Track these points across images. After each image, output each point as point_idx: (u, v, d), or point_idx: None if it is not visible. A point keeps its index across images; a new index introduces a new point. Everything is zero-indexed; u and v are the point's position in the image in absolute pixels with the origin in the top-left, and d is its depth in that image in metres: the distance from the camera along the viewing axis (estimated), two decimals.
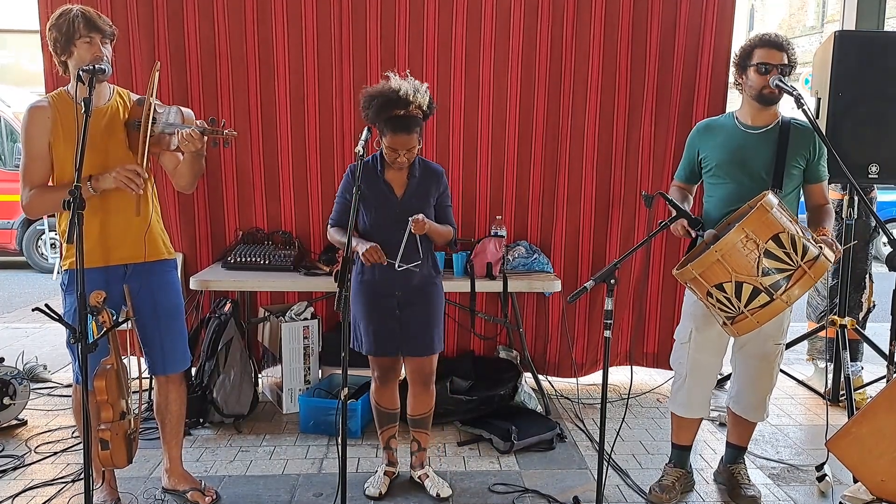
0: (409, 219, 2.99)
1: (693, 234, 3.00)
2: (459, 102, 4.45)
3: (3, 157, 9.74)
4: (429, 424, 3.43)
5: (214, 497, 3.24)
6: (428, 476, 3.39)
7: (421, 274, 3.16)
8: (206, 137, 2.81)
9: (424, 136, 4.40)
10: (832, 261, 2.68)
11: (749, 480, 3.36)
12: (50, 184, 2.88)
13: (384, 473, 3.39)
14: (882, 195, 5.69)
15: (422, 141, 3.15)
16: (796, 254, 2.60)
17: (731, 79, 3.29)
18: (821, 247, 2.66)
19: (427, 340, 3.23)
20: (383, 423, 3.40)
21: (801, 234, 2.64)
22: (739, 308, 2.65)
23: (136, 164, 2.77)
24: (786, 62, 3.00)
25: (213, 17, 4.31)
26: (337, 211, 3.24)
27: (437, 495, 3.31)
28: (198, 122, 2.88)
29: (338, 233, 3.18)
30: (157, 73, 2.82)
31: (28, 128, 2.81)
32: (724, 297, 2.66)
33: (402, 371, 3.45)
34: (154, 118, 2.83)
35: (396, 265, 3.03)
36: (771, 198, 2.67)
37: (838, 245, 2.78)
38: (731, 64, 3.19)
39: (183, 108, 2.95)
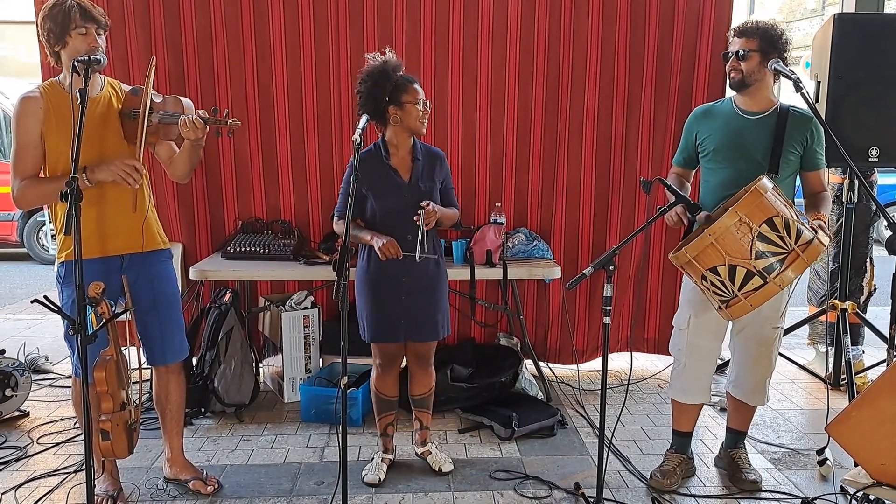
0: (420, 211, 3.00)
1: (685, 223, 3.01)
2: (458, 89, 4.43)
3: (2, 149, 9.71)
4: (430, 404, 3.49)
5: (216, 486, 3.25)
6: (431, 452, 3.48)
7: (427, 260, 3.18)
8: (208, 127, 2.81)
9: None
10: (827, 245, 2.68)
11: (750, 465, 3.37)
12: (41, 175, 2.87)
13: (381, 460, 3.41)
14: (882, 178, 5.66)
15: None
16: (790, 237, 2.60)
17: None
18: (815, 231, 2.65)
19: (431, 326, 3.27)
20: (382, 411, 3.41)
21: (795, 217, 2.64)
22: (733, 291, 2.66)
23: (135, 159, 2.76)
24: (743, 49, 3.02)
25: (210, 6, 4.29)
26: (342, 202, 3.22)
27: (439, 469, 3.40)
28: (199, 111, 2.87)
29: (350, 227, 3.17)
30: (153, 69, 2.81)
31: (19, 118, 2.78)
32: (718, 280, 2.67)
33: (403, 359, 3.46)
34: (151, 108, 2.82)
35: (417, 257, 3.03)
36: (765, 182, 2.67)
37: (827, 231, 2.77)
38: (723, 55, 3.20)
39: (182, 98, 2.94)
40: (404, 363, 3.48)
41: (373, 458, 3.45)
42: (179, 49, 4.33)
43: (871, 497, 2.65)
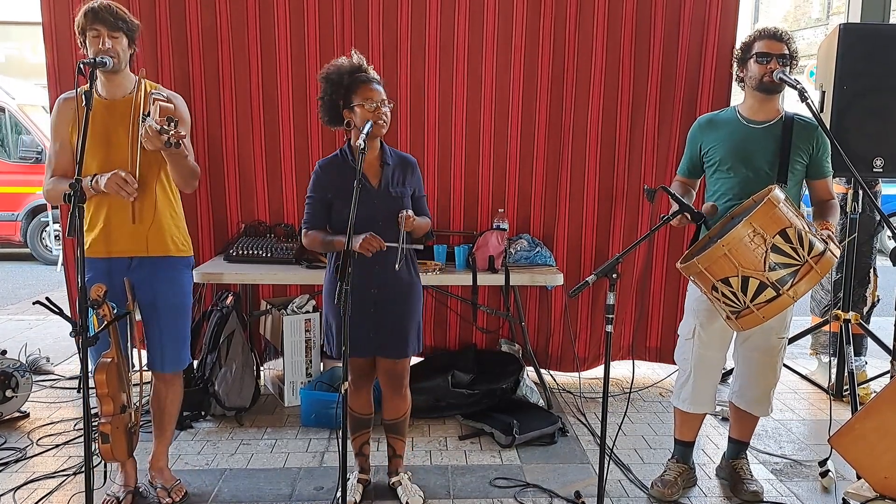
0: (400, 217, 2.87)
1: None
2: (462, 94, 4.43)
3: (7, 150, 9.73)
4: (404, 430, 3.29)
5: (178, 499, 3.17)
6: (401, 483, 3.26)
7: (399, 272, 2.98)
8: (164, 136, 2.65)
9: (426, 128, 4.42)
10: (837, 256, 2.66)
11: (751, 476, 3.36)
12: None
13: (357, 481, 3.26)
14: (887, 188, 5.66)
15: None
16: (803, 249, 2.57)
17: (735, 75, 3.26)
18: (826, 242, 2.64)
19: (401, 343, 3.08)
20: (356, 429, 3.25)
21: (807, 229, 2.62)
22: (745, 303, 2.63)
23: (127, 172, 2.76)
24: (785, 52, 2.99)
25: (216, 9, 4.30)
26: (310, 213, 3.02)
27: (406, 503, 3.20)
28: (156, 119, 2.73)
29: (320, 234, 2.98)
30: (143, 81, 2.84)
31: (53, 118, 2.95)
32: (730, 291, 2.64)
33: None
34: (149, 113, 2.81)
35: (397, 266, 2.91)
36: (778, 192, 2.65)
37: (836, 242, 2.75)
38: (733, 60, 3.17)
39: (163, 105, 2.90)
40: None
41: (348, 479, 3.21)
42: (185, 52, 4.33)
43: None
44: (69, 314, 2.61)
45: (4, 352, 4.15)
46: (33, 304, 2.68)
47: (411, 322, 3.10)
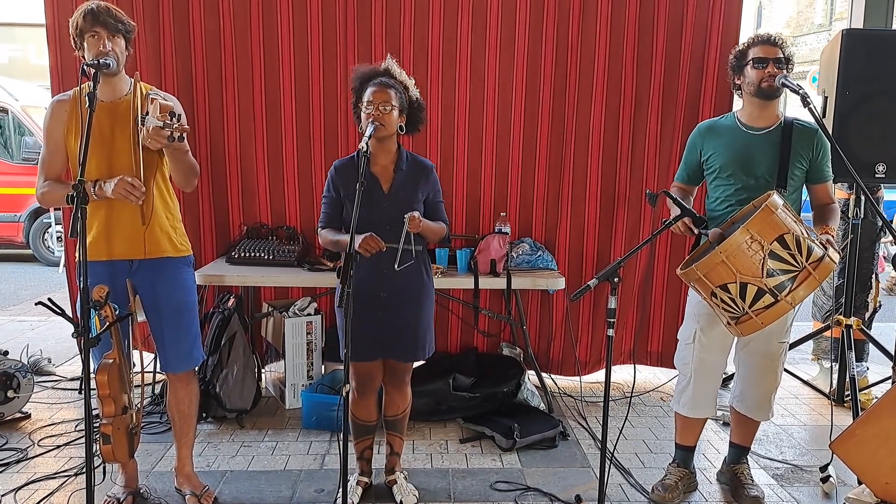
0: (405, 217, 2.85)
1: (695, 231, 2.97)
2: (465, 99, 4.43)
3: (10, 151, 9.74)
4: (403, 428, 3.31)
5: None
6: (396, 482, 3.28)
7: (410, 275, 3.02)
8: (166, 131, 2.66)
9: (429, 131, 4.42)
10: (837, 262, 2.66)
11: (752, 481, 3.35)
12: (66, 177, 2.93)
13: (357, 483, 3.26)
14: (889, 194, 5.65)
15: (403, 120, 3.01)
16: (801, 255, 2.57)
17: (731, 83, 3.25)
18: (826, 248, 2.64)
19: (410, 346, 3.08)
20: (359, 435, 3.25)
21: (805, 234, 2.62)
22: (744, 309, 2.63)
23: (133, 176, 2.76)
24: (781, 56, 2.99)
25: (219, 11, 4.31)
26: (324, 213, 3.08)
27: (400, 502, 3.20)
28: (157, 116, 2.73)
29: (330, 233, 3.03)
30: (139, 84, 2.85)
31: (46, 120, 2.89)
32: (729, 297, 2.64)
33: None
34: (147, 113, 2.81)
35: (396, 266, 2.92)
36: (776, 198, 2.65)
37: (836, 247, 2.74)
38: (729, 68, 3.17)
39: (162, 102, 2.90)
40: None
41: (348, 481, 3.20)
42: (188, 54, 4.34)
43: None
44: (71, 315, 2.61)
45: (6, 352, 4.16)
46: (35, 305, 2.68)
47: (421, 325, 3.10)
